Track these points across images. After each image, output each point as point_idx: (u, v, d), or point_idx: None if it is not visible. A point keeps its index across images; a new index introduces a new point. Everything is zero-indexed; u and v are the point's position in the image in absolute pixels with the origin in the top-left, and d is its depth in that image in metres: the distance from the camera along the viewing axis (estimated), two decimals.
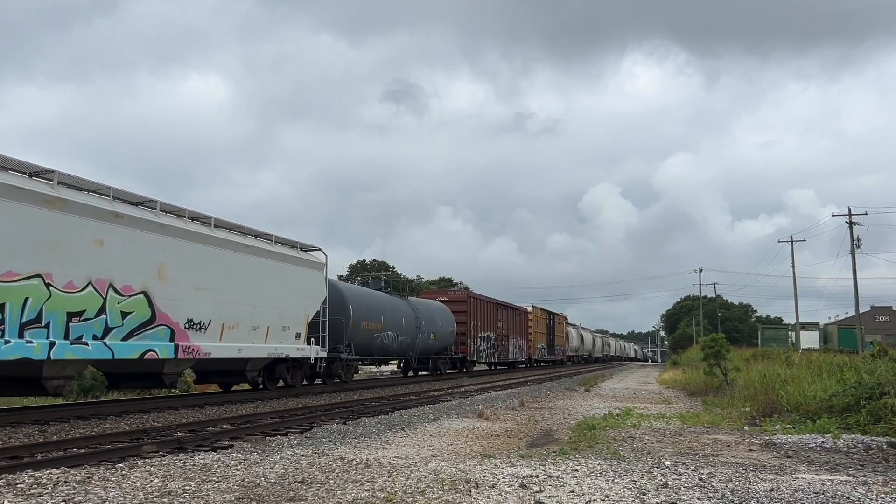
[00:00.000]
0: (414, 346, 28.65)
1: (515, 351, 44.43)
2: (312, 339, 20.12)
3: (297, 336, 19.31)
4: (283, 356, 18.83)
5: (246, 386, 20.39)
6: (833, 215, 55.76)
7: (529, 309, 49.34)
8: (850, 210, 50.31)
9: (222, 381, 19.61)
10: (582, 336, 73.81)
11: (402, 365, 33.73)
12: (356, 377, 27.38)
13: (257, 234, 18.15)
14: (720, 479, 7.23)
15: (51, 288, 11.80)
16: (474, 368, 39.51)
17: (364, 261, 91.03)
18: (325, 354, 20.75)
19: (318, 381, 22.51)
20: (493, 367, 43.90)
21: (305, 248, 20.53)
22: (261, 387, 19.45)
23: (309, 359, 20.05)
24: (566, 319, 64.96)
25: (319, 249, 20.98)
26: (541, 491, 6.54)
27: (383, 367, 42.14)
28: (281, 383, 20.10)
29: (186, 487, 6.60)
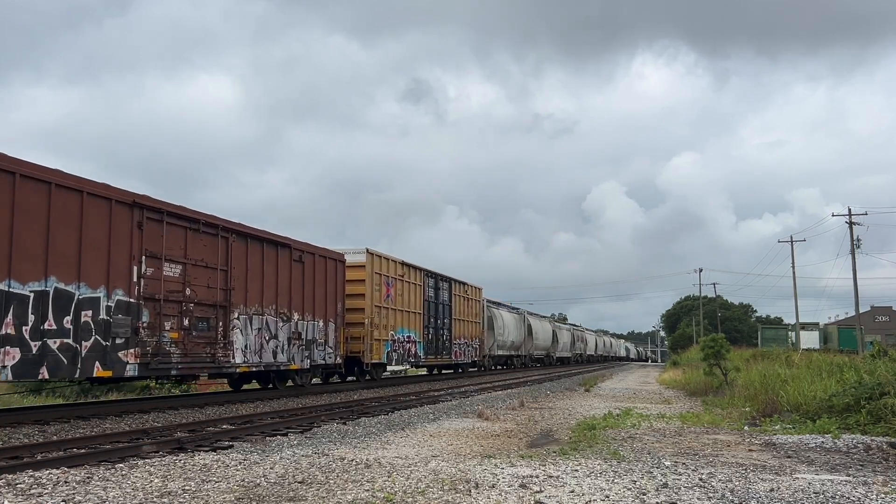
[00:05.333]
0: None
1: (275, 347, 18.23)
2: None
3: None
4: None
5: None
6: (833, 215, 56.04)
7: (359, 259, 23.41)
8: (849, 210, 50.48)
9: None
10: (530, 326, 48.14)
11: None
12: None
13: None
14: (720, 480, 7.22)
15: None
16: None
17: None
18: None
19: None
20: (173, 385, 20.95)
21: None
22: None
23: None
24: (484, 294, 38.55)
25: None
26: (541, 491, 6.54)
27: None
28: None
29: (186, 487, 6.60)
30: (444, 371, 35.64)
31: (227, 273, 16.48)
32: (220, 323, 16.16)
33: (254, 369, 17.60)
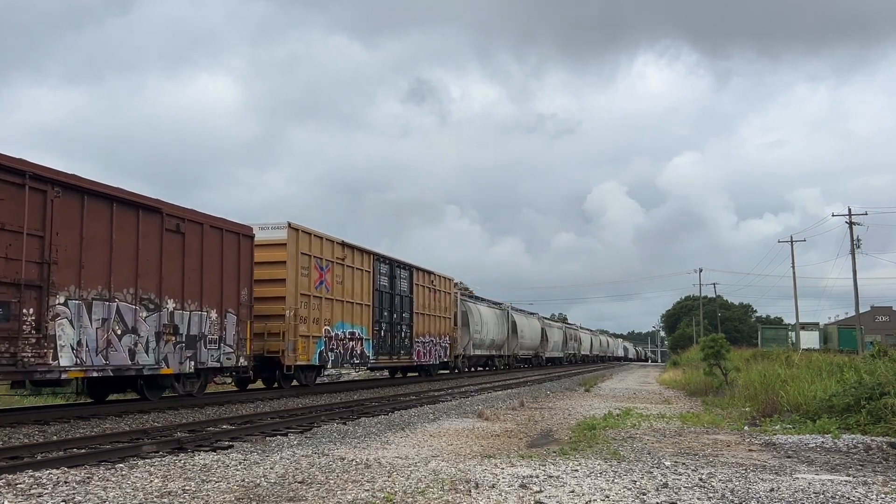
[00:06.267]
0: None
1: (133, 343, 13.63)
2: None
3: None
4: None
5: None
6: (833, 215, 56.03)
7: (278, 235, 19.06)
8: (849, 210, 50.53)
9: None
10: (514, 323, 43.80)
11: None
12: None
13: None
14: (720, 480, 7.22)
15: None
16: None
17: None
18: None
19: None
20: None
21: None
22: None
23: None
24: (458, 285, 35.67)
25: None
26: (541, 491, 6.53)
27: None
28: None
29: (186, 487, 6.60)
30: (408, 374, 31.29)
31: (44, 240, 11.87)
32: (32, 310, 11.59)
33: (95, 374, 12.87)
